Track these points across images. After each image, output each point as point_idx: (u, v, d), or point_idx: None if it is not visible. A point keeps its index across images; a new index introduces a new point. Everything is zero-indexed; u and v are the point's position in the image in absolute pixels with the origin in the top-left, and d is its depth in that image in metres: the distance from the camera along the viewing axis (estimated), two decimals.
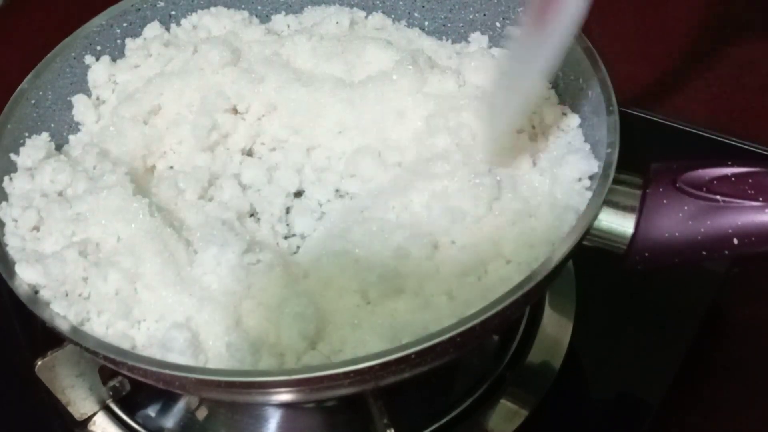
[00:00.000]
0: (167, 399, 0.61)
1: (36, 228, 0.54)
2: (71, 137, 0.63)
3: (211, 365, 0.49)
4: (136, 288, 0.51)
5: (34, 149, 0.58)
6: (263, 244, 0.55)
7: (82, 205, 0.54)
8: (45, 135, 0.60)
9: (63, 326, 0.48)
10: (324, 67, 0.64)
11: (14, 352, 0.65)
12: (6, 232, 0.53)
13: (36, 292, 0.50)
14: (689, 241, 0.49)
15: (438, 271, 0.52)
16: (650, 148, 0.72)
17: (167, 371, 0.45)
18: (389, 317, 0.50)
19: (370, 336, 0.48)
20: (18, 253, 0.52)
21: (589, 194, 0.52)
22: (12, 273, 0.50)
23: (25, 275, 0.50)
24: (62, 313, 0.49)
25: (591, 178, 0.53)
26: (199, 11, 0.69)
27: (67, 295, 0.51)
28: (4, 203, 0.55)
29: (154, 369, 0.45)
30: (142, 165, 0.61)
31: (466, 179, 0.54)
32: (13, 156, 0.58)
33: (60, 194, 0.56)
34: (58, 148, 0.61)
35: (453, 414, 0.59)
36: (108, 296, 0.51)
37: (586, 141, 0.56)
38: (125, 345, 0.49)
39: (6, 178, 0.56)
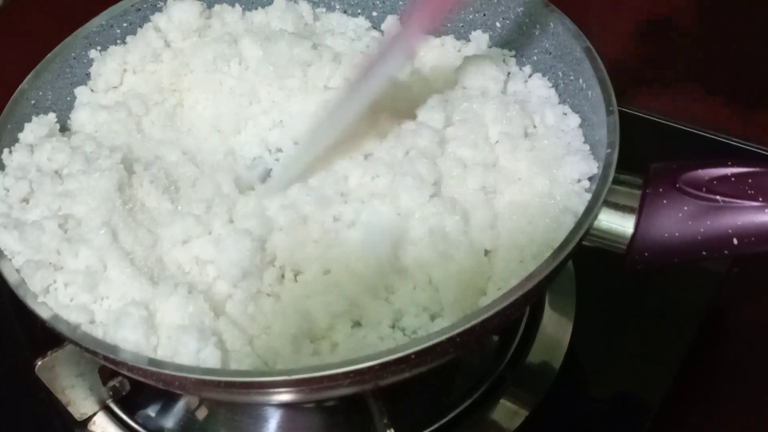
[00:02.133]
0: (167, 399, 0.61)
1: (26, 200, 0.54)
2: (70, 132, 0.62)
3: (162, 349, 0.48)
4: (106, 266, 0.51)
5: (38, 126, 0.58)
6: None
7: (72, 183, 0.54)
8: (52, 115, 0.60)
9: (62, 326, 0.48)
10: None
11: (14, 352, 0.65)
12: None
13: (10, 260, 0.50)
14: (689, 241, 0.49)
15: (436, 271, 0.52)
16: (650, 148, 0.72)
17: (167, 371, 0.45)
18: (387, 318, 0.50)
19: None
20: (2, 219, 0.52)
21: (589, 195, 0.52)
22: None
23: (1, 240, 0.50)
24: (29, 275, 0.49)
25: (590, 179, 0.53)
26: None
27: (38, 262, 0.50)
28: None
29: (154, 369, 0.45)
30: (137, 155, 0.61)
31: (460, 180, 0.54)
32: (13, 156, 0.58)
33: (56, 172, 0.56)
34: None
35: (453, 414, 0.59)
36: (78, 270, 0.50)
37: (585, 142, 0.56)
38: (84, 318, 0.49)
39: (6, 150, 0.56)
